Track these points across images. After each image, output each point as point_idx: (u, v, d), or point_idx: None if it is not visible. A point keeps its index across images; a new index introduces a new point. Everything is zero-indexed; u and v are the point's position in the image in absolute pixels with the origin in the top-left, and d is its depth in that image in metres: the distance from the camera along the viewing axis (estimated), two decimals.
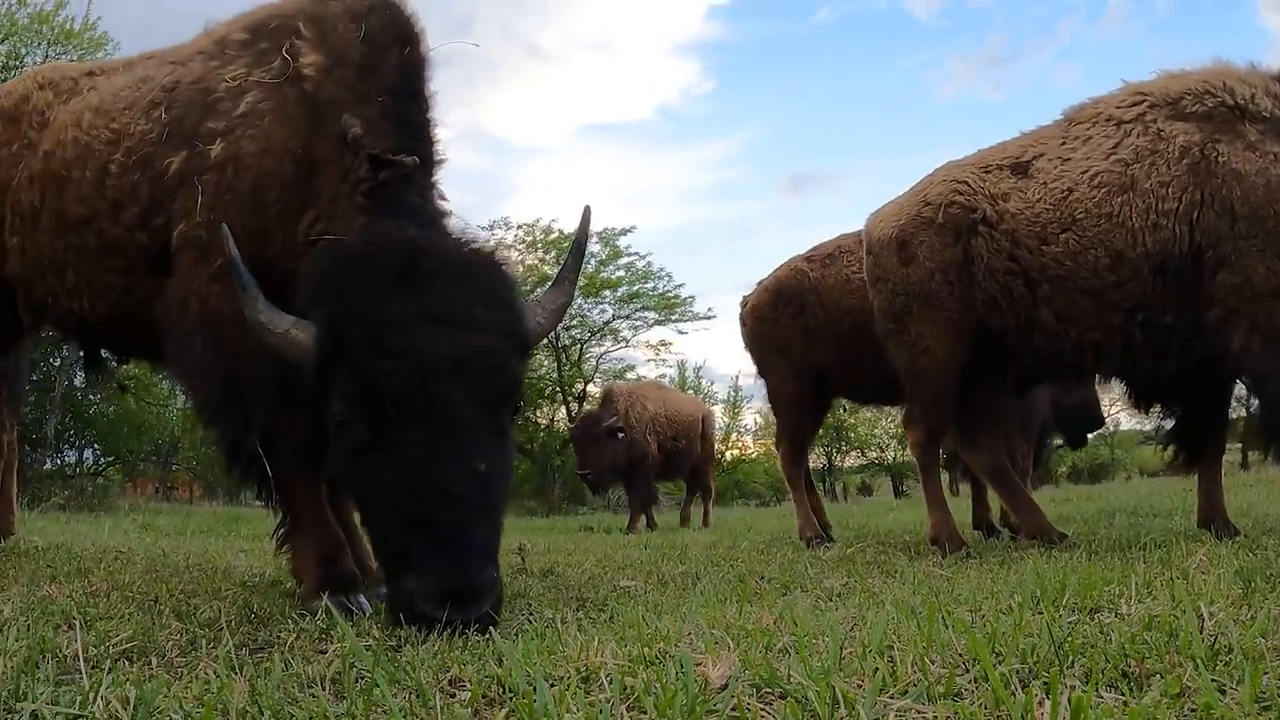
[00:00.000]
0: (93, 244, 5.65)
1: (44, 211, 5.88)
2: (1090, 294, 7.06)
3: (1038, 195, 7.28)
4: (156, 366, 7.40)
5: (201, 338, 5.06)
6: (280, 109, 5.08)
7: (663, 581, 6.09)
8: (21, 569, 6.31)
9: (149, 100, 5.57)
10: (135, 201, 5.43)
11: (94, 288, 5.76)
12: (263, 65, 5.23)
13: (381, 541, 4.34)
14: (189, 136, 5.22)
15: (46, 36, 31.47)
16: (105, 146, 5.62)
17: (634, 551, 9.11)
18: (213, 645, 3.56)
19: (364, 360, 4.13)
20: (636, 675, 2.64)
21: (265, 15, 5.56)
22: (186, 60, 5.69)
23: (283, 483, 4.98)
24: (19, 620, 3.95)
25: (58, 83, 6.37)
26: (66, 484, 28.50)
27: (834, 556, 7.82)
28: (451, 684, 2.79)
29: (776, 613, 3.89)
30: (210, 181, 5.04)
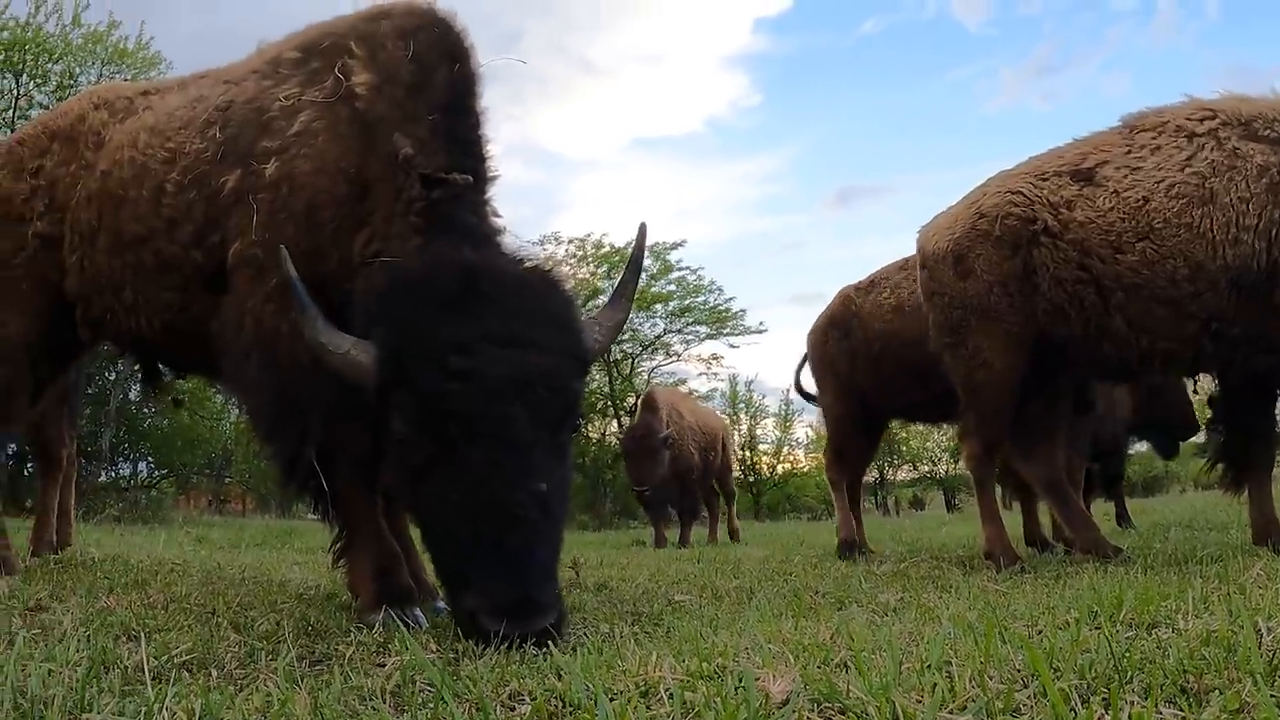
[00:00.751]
0: (149, 262, 5.70)
1: (102, 230, 5.93)
2: (1167, 303, 7.04)
3: (1109, 204, 7.22)
4: (214, 381, 7.48)
5: (257, 355, 5.10)
6: (332, 128, 5.13)
7: (717, 596, 6.09)
8: (80, 580, 6.37)
9: (204, 119, 5.63)
10: (191, 220, 5.49)
11: (151, 305, 5.82)
12: (315, 84, 5.29)
13: (443, 558, 4.35)
14: (244, 155, 5.28)
15: (100, 56, 31.80)
16: (161, 165, 5.66)
17: (687, 566, 9.10)
18: (271, 658, 3.59)
19: (427, 382, 4.16)
20: (696, 690, 2.63)
21: (317, 35, 5.61)
22: (240, 80, 5.75)
23: (339, 497, 5.01)
24: (79, 631, 3.99)
25: (113, 102, 6.42)
26: (121, 496, 28.73)
27: (888, 571, 7.78)
28: (511, 698, 2.79)
29: (833, 628, 3.88)
30: (265, 200, 5.10)
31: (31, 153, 6.56)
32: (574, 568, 7.23)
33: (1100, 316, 7.34)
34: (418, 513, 4.50)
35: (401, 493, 4.71)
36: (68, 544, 9.35)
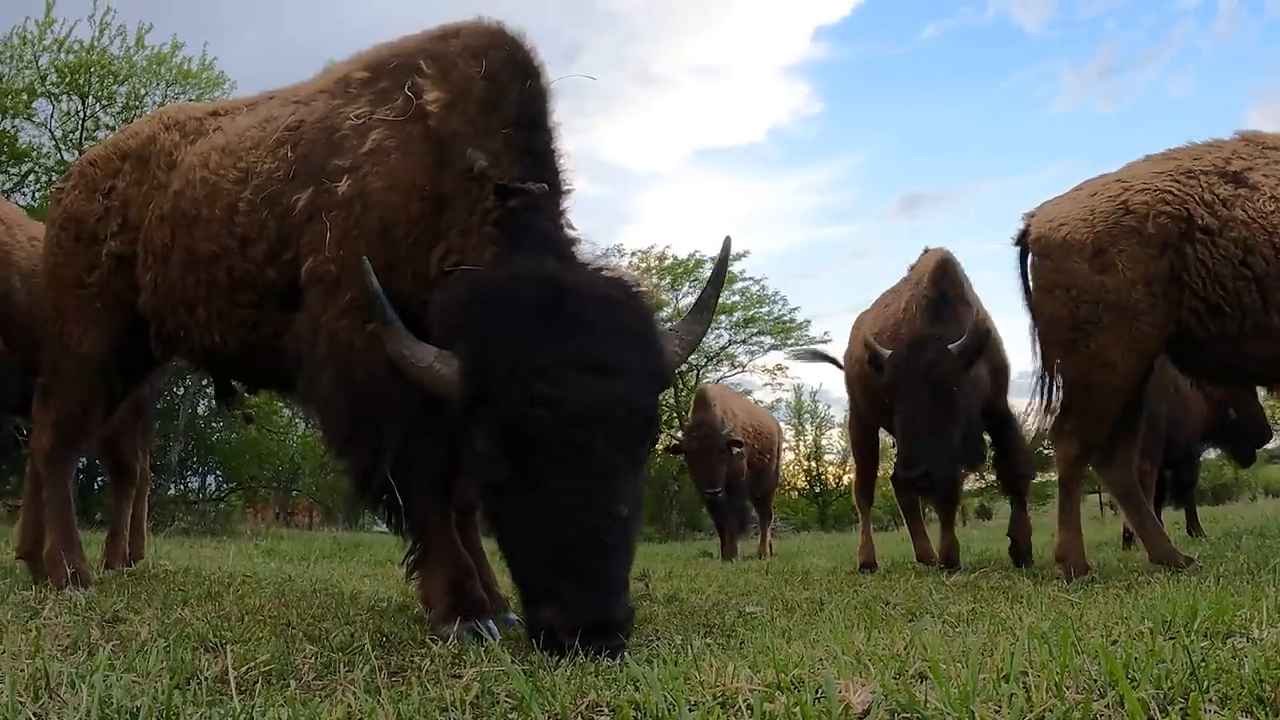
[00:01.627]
0: (223, 280, 5.77)
1: (175, 249, 6.00)
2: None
3: (1270, 207, 7.28)
4: (286, 396, 7.56)
5: (332, 370, 5.16)
6: (405, 145, 5.19)
7: (788, 608, 6.07)
8: (154, 592, 6.43)
9: (275, 139, 5.69)
10: (264, 238, 5.55)
11: (224, 322, 5.88)
12: (385, 103, 5.35)
13: (522, 572, 4.38)
14: (316, 174, 5.35)
15: (165, 77, 32.17)
16: (233, 185, 5.73)
17: (755, 577, 9.09)
18: (349, 669, 3.62)
19: (513, 405, 4.22)
20: (774, 701, 2.64)
21: (386, 54, 5.68)
22: (309, 100, 5.82)
23: (413, 510, 5.03)
24: (157, 642, 4.03)
25: (183, 123, 6.49)
26: (190, 509, 29.00)
27: (958, 582, 7.75)
28: (590, 708, 2.81)
29: (906, 639, 3.87)
30: (338, 218, 5.16)
31: (103, 173, 6.66)
32: (643, 579, 7.25)
33: (1257, 314, 7.33)
34: (497, 525, 4.52)
35: (482, 504, 4.73)
36: (140, 556, 9.44)
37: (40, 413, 6.88)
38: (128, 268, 6.37)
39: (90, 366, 6.62)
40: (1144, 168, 8.00)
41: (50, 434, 6.76)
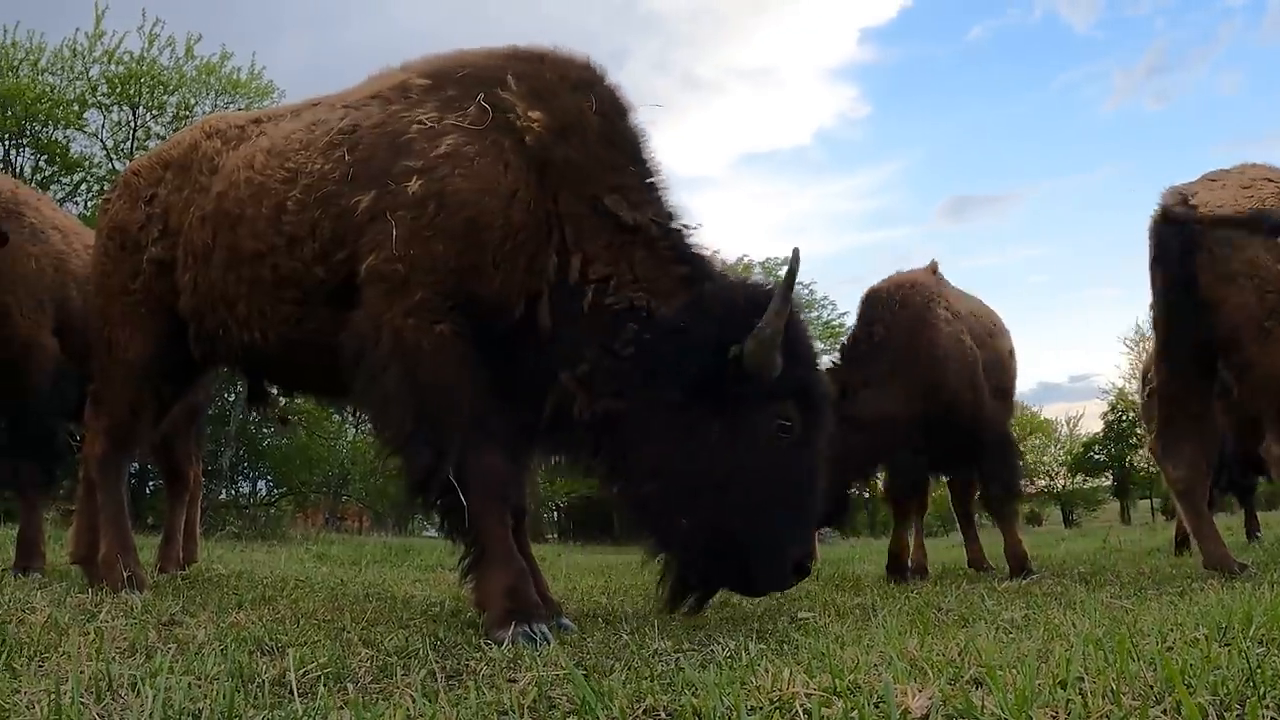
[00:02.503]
0: (267, 277, 5.89)
1: (217, 248, 6.11)
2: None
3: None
4: (321, 399, 7.69)
5: (396, 369, 5.26)
6: (493, 154, 5.43)
7: (840, 613, 6.06)
8: (209, 596, 6.48)
9: (326, 142, 5.82)
10: (315, 238, 5.67)
11: (266, 318, 5.99)
12: (454, 110, 5.56)
13: (770, 519, 5.27)
14: (379, 176, 5.49)
15: (214, 87, 32.64)
16: (281, 185, 5.84)
17: (806, 583, 9.06)
18: (405, 673, 3.63)
19: (813, 388, 5.54)
20: (832, 705, 2.64)
21: (449, 64, 5.91)
22: (360, 105, 5.96)
23: (471, 514, 5.08)
24: (213, 645, 4.07)
25: (224, 131, 6.62)
26: (240, 514, 29.24)
27: (1011, 588, 7.71)
28: (647, 713, 2.82)
29: (960, 645, 3.86)
30: (406, 218, 5.33)
31: (146, 182, 6.81)
32: None
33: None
34: (765, 480, 5.25)
35: (753, 460, 5.27)
36: (193, 560, 9.51)
37: (92, 420, 6.99)
38: (168, 273, 6.50)
39: (137, 372, 6.74)
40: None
41: (102, 440, 6.85)
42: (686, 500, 5.16)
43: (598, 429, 5.36)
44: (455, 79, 5.76)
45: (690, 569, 5.40)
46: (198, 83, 32.48)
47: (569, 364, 5.35)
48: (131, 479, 23.02)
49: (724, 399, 5.13)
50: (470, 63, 5.87)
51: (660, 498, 5.24)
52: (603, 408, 5.30)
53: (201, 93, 32.65)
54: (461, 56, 6.00)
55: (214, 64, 32.62)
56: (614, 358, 5.28)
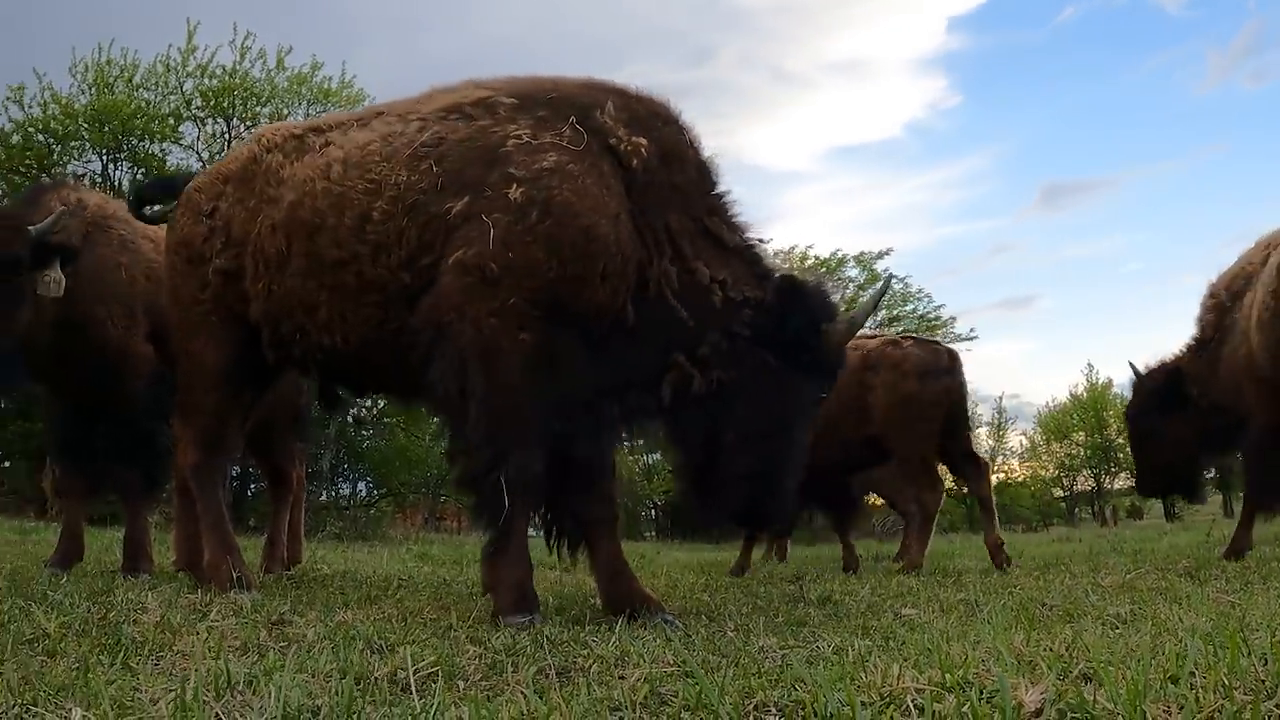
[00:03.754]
0: (350, 283, 6.07)
1: (293, 256, 6.28)
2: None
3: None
4: (395, 398, 7.94)
5: (474, 367, 5.56)
6: (596, 175, 5.81)
7: (944, 609, 6.05)
8: (315, 596, 6.57)
9: (409, 154, 6.01)
10: (402, 245, 5.89)
11: (347, 322, 6.18)
12: (549, 130, 5.89)
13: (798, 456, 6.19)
14: (473, 185, 5.78)
15: (306, 97, 32.92)
16: (364, 196, 6.02)
17: (908, 579, 9.04)
18: (514, 670, 3.66)
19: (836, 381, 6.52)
20: (943, 700, 2.64)
21: (533, 86, 6.23)
22: (439, 118, 6.17)
23: (509, 511, 5.51)
24: (323, 644, 4.14)
25: (281, 144, 6.77)
26: (341, 515, 29.50)
27: (1114, 583, 7.64)
28: (758, 709, 2.83)
29: (1067, 640, 3.84)
30: (503, 220, 5.60)
31: (207, 197, 6.96)
32: (796, 582, 7.27)
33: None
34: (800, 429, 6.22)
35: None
36: (298, 561, 9.63)
37: (181, 430, 7.12)
38: (235, 281, 6.67)
39: (216, 378, 6.89)
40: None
41: (193, 448, 6.98)
42: (760, 444, 5.96)
43: (709, 398, 5.94)
44: (544, 101, 6.08)
45: (734, 497, 6.06)
46: (289, 93, 32.80)
47: (689, 349, 5.93)
48: (233, 481, 23.38)
49: (801, 365, 5.96)
50: (557, 88, 6.21)
51: (743, 445, 5.95)
52: (717, 378, 5.91)
53: (294, 103, 32.96)
54: (541, 81, 6.33)
55: (305, 74, 32.95)
56: (731, 338, 5.92)
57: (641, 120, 6.11)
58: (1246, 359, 9.61)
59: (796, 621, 5.49)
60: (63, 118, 30.94)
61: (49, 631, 4.19)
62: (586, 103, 6.06)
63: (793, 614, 5.88)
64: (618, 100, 6.12)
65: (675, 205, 6.05)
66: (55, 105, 31.16)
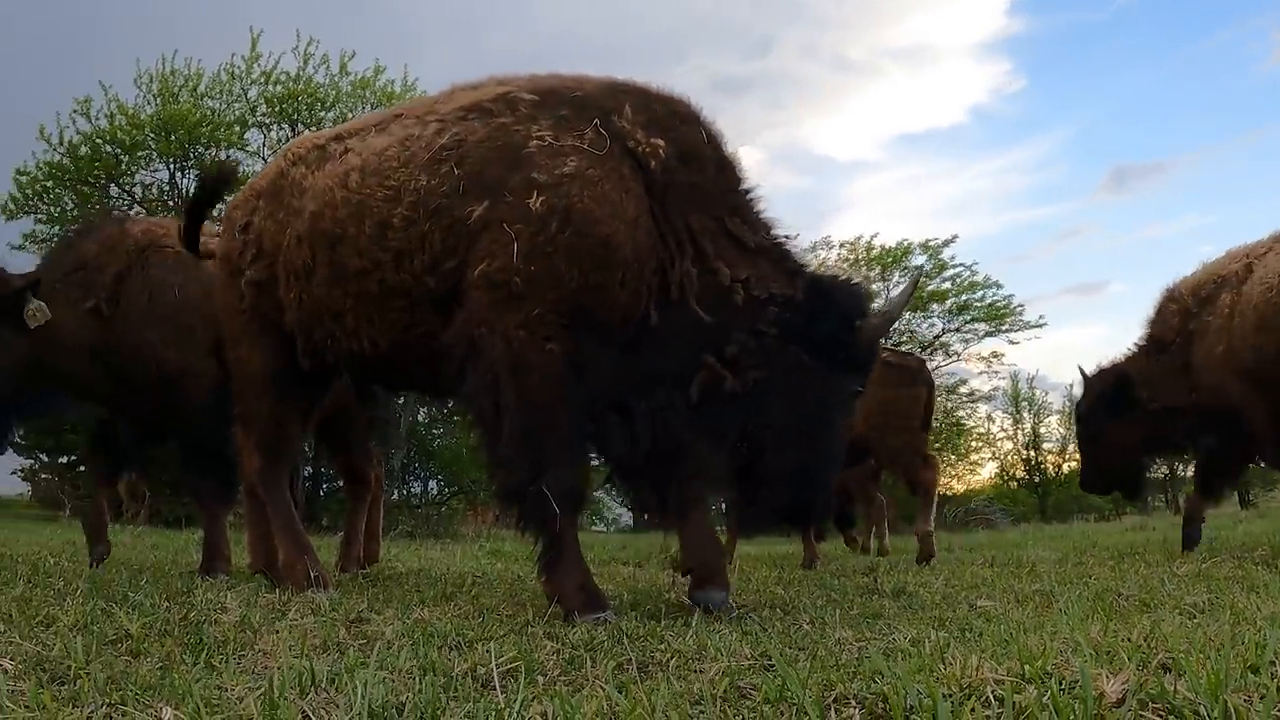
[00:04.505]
0: (374, 290, 6.16)
1: (318, 266, 6.39)
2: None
3: None
4: (427, 396, 8.21)
5: (505, 381, 5.62)
6: (616, 179, 5.77)
7: (1019, 600, 6.03)
8: (391, 594, 6.62)
9: (429, 158, 6.02)
10: (425, 251, 5.92)
11: (374, 327, 6.28)
12: (570, 131, 5.85)
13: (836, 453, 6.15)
14: (493, 187, 5.77)
15: (369, 100, 33.13)
16: (383, 203, 6.07)
17: (983, 570, 9.01)
18: (592, 665, 3.69)
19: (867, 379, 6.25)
20: (1023, 691, 2.65)
21: (555, 84, 6.20)
22: (457, 118, 6.16)
23: (556, 518, 5.58)
24: (402, 641, 4.18)
25: (304, 155, 6.89)
26: (412, 513, 29.70)
27: (1190, 572, 7.59)
28: (837, 701, 2.84)
29: (1145, 630, 3.83)
30: (526, 232, 5.61)
31: (242, 213, 7.12)
32: (870, 574, 7.27)
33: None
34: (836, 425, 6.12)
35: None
36: (374, 560, 9.70)
37: (242, 438, 7.26)
38: (268, 292, 6.83)
39: (264, 384, 7.06)
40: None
41: (256, 455, 7.12)
42: (792, 441, 5.87)
43: (743, 397, 5.85)
44: (567, 100, 6.05)
45: (778, 496, 5.97)
46: (353, 97, 33.03)
47: (717, 349, 5.84)
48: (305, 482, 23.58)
49: (835, 361, 5.88)
50: (579, 87, 6.17)
51: (782, 441, 5.87)
52: (749, 378, 5.81)
53: (357, 106, 33.20)
54: (564, 79, 6.31)
55: (369, 78, 33.18)
56: (760, 336, 5.81)
57: (660, 121, 6.08)
58: (1225, 356, 9.92)
59: (871, 614, 5.50)
60: (129, 128, 31.28)
61: (131, 632, 4.24)
62: (608, 104, 6.04)
63: (868, 606, 5.89)
64: (637, 101, 6.11)
65: (695, 205, 6.00)
66: (122, 116, 31.55)
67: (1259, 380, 9.65)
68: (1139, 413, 11.04)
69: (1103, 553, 11.19)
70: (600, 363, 5.82)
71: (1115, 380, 11.26)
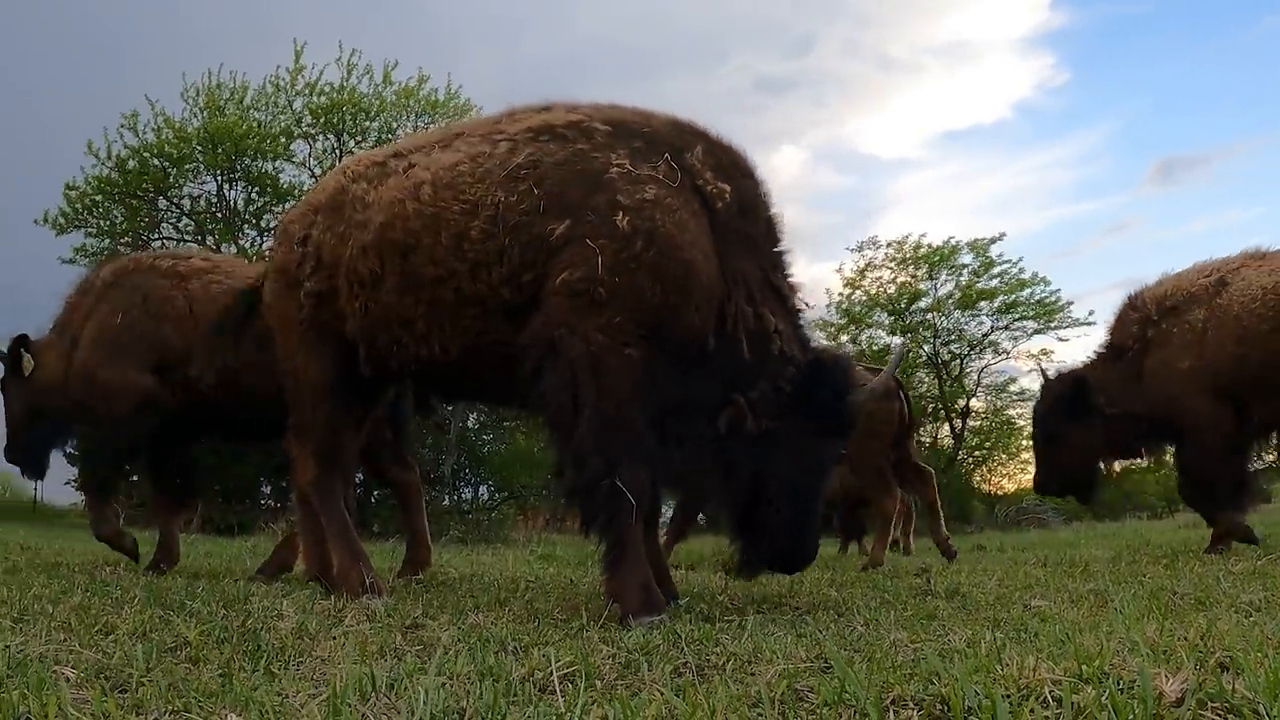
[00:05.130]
0: (449, 299, 6.33)
1: (386, 274, 6.55)
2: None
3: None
4: (487, 404, 8.38)
5: (583, 379, 5.78)
6: (691, 211, 6.09)
7: (1073, 600, 6.01)
8: (445, 600, 6.66)
9: (505, 175, 6.25)
10: (503, 263, 6.16)
11: (445, 334, 6.44)
12: (645, 162, 6.16)
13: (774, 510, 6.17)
14: (573, 208, 6.03)
15: (413, 109, 33.45)
16: (460, 216, 6.29)
17: (1035, 570, 8.98)
18: (649, 669, 3.71)
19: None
20: (1081, 691, 2.65)
21: (625, 116, 6.50)
22: (528, 140, 6.40)
23: (622, 519, 5.72)
24: (457, 646, 4.21)
25: (364, 172, 7.09)
26: (463, 519, 29.81)
27: (1245, 570, 7.54)
28: (895, 703, 2.85)
29: (1202, 629, 3.82)
30: (609, 247, 5.86)
31: (300, 227, 7.28)
32: (922, 574, 7.25)
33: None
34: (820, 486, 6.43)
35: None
36: (427, 564, 9.72)
37: (296, 447, 7.37)
38: (328, 302, 6.98)
39: (321, 392, 7.17)
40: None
41: (311, 463, 7.23)
42: (790, 495, 6.20)
43: (756, 442, 6.14)
44: (639, 133, 6.34)
45: (773, 546, 6.29)
46: (397, 106, 33.35)
47: (745, 389, 6.15)
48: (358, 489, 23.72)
49: (828, 430, 6.26)
50: (648, 123, 6.46)
51: (776, 494, 6.20)
52: (764, 426, 6.11)
53: (402, 115, 33.51)
54: (631, 112, 6.59)
55: (412, 87, 33.45)
56: (778, 390, 6.16)
57: (725, 168, 6.36)
58: (1192, 370, 10.37)
59: (926, 615, 5.49)
60: (176, 141, 31.69)
61: (190, 639, 4.30)
62: (678, 143, 6.31)
63: (921, 607, 5.88)
64: (705, 145, 6.38)
65: (748, 253, 6.31)
66: (169, 130, 32.00)
67: (1228, 393, 10.17)
68: (1096, 417, 11.30)
69: (1156, 551, 11.14)
70: (665, 378, 6.02)
71: (1073, 384, 11.54)
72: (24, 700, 2.95)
